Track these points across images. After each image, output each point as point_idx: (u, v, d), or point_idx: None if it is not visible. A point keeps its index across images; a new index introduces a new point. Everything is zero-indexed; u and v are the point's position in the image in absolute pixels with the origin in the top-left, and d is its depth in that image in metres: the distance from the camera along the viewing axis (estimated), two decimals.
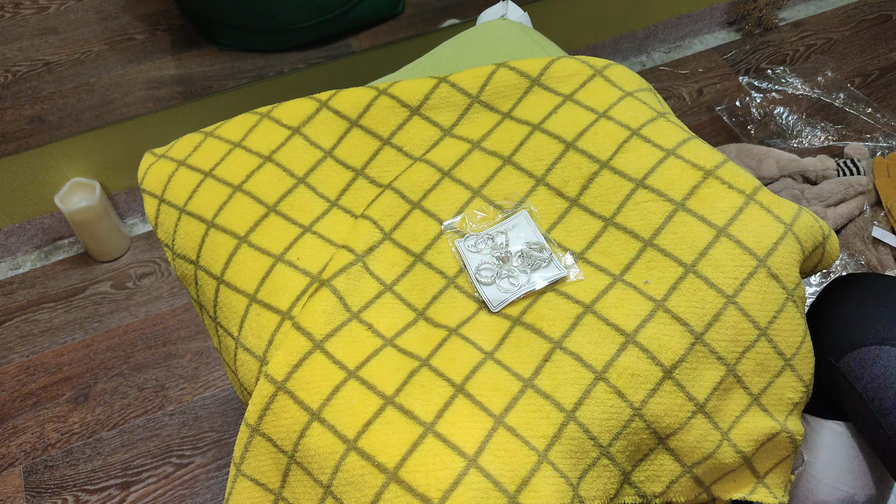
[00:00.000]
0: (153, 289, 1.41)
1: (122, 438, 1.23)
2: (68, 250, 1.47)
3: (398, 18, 1.47)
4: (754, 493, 0.63)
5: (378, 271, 0.69)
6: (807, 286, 1.33)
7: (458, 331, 0.64)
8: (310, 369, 0.62)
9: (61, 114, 1.34)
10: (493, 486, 0.55)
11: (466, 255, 0.68)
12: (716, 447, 0.61)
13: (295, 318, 0.66)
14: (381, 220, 0.71)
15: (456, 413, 0.59)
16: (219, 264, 0.71)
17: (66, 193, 1.38)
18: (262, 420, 0.63)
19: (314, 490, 0.60)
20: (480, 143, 0.75)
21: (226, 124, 0.81)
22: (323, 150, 0.77)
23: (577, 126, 0.73)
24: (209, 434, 1.23)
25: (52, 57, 1.33)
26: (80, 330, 1.36)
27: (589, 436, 0.58)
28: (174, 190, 0.77)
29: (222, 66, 1.40)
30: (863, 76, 1.66)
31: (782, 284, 0.63)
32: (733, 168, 0.68)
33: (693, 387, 0.60)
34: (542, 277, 0.66)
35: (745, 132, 1.55)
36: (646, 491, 0.61)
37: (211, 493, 1.17)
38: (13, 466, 1.21)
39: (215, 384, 1.28)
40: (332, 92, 0.81)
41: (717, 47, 1.74)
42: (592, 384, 0.59)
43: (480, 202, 0.72)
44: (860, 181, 1.38)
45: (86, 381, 1.30)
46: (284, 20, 1.37)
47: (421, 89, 0.79)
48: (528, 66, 0.78)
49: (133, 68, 1.37)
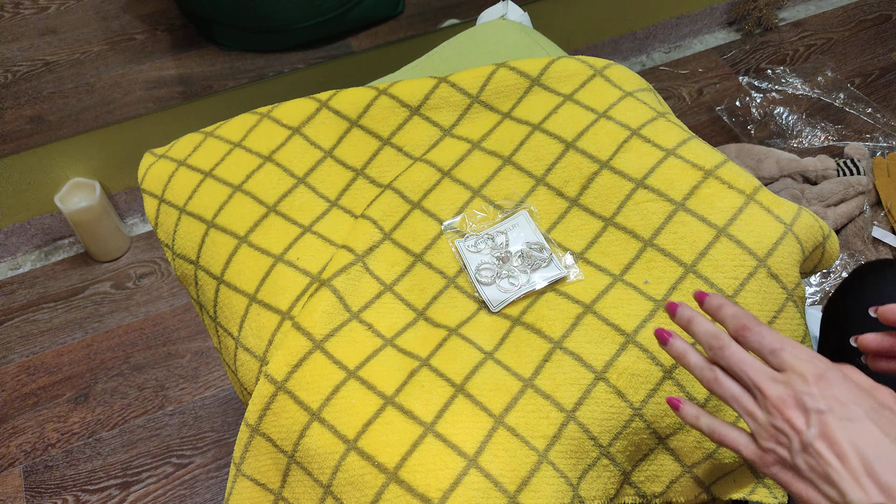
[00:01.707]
0: (153, 289, 1.41)
1: (122, 438, 1.23)
2: (68, 250, 1.47)
3: (398, 18, 1.47)
4: (754, 493, 0.63)
5: (378, 271, 0.69)
6: (807, 286, 1.33)
7: (458, 331, 0.64)
8: (310, 369, 0.62)
9: (61, 114, 1.34)
10: (493, 486, 0.55)
11: (466, 255, 0.68)
12: (716, 447, 0.60)
13: (295, 318, 0.66)
14: (381, 220, 0.71)
15: (456, 413, 0.59)
16: (219, 264, 0.71)
17: (66, 193, 1.38)
18: (262, 420, 0.63)
19: (314, 490, 0.60)
20: (480, 143, 0.75)
21: (226, 124, 0.81)
22: (323, 150, 0.77)
23: (577, 126, 0.73)
24: (209, 434, 1.23)
25: (52, 57, 1.33)
26: (80, 330, 1.36)
27: (589, 436, 0.58)
28: (174, 190, 0.77)
29: (222, 66, 1.40)
30: (863, 76, 1.66)
31: (782, 284, 0.63)
32: (733, 168, 0.68)
33: (693, 387, 0.60)
34: (542, 277, 0.66)
35: (745, 132, 1.55)
36: (646, 491, 0.61)
37: (211, 493, 1.17)
38: (13, 466, 1.21)
39: (215, 384, 1.28)
40: (332, 92, 0.81)
41: (717, 47, 1.74)
42: (592, 384, 0.59)
43: (480, 202, 0.72)
44: (860, 181, 1.38)
45: (86, 381, 1.30)
46: (284, 20, 1.37)
47: (421, 89, 0.79)
48: (528, 66, 0.78)
49: (133, 68, 1.37)
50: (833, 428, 0.43)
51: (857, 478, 0.42)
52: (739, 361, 0.48)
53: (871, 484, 0.41)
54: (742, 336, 0.49)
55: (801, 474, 0.44)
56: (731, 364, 0.48)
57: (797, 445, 0.44)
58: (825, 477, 0.43)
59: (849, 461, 0.42)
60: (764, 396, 0.46)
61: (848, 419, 0.43)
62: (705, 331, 0.50)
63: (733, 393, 0.48)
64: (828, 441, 0.43)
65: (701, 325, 0.51)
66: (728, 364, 0.49)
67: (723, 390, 0.48)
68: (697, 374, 0.50)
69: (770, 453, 0.46)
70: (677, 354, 0.51)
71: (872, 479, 0.41)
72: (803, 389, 0.45)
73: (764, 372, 0.47)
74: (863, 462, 0.42)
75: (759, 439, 0.46)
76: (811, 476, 0.44)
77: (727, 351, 0.48)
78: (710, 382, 0.49)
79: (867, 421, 0.43)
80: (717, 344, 0.49)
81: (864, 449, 0.42)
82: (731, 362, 0.48)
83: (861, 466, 0.42)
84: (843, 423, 0.43)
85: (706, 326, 0.50)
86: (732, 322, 0.50)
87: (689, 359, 0.51)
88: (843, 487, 0.42)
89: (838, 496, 0.42)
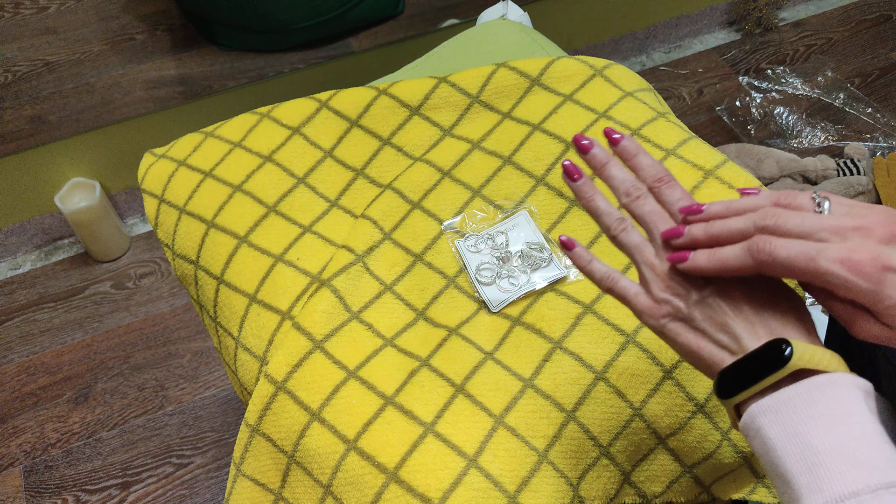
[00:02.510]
0: (153, 289, 1.41)
1: (122, 438, 1.23)
2: (68, 250, 1.47)
3: (398, 18, 1.47)
4: (754, 493, 0.63)
5: (378, 271, 0.69)
6: None
7: (458, 331, 0.64)
8: (310, 369, 0.62)
9: (61, 114, 1.34)
10: (493, 486, 0.55)
11: (466, 255, 0.68)
12: (716, 447, 0.60)
13: (295, 318, 0.66)
14: (381, 220, 0.71)
15: (456, 413, 0.59)
16: (219, 264, 0.71)
17: (66, 193, 1.38)
18: (262, 420, 0.63)
19: (314, 490, 0.60)
20: (480, 143, 0.75)
21: (226, 124, 0.81)
22: (323, 150, 0.77)
23: (578, 126, 0.73)
24: (209, 434, 1.23)
25: (52, 57, 1.33)
26: (80, 330, 1.36)
27: (589, 436, 0.58)
28: (174, 190, 0.77)
29: (222, 66, 1.40)
30: (863, 76, 1.66)
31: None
32: (733, 168, 0.68)
33: (693, 387, 0.60)
34: (543, 277, 0.66)
35: (745, 132, 1.55)
36: (646, 491, 0.61)
37: (211, 493, 1.17)
38: (13, 466, 1.21)
39: (215, 384, 1.28)
40: (332, 92, 0.81)
41: (717, 47, 1.74)
42: (592, 384, 0.59)
43: (480, 202, 0.72)
44: (860, 181, 1.38)
45: (86, 381, 1.30)
46: (284, 20, 1.37)
47: (421, 89, 0.79)
48: (528, 66, 0.78)
49: (133, 68, 1.37)
50: (731, 282, 0.45)
51: (752, 324, 0.44)
52: (651, 212, 0.48)
53: (763, 329, 0.44)
54: (657, 188, 0.49)
55: (694, 324, 0.46)
56: (642, 213, 0.48)
57: (695, 296, 0.45)
58: (721, 325, 0.45)
59: (743, 311, 0.45)
60: (668, 249, 0.47)
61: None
62: (624, 178, 0.49)
63: (636, 242, 0.48)
64: (725, 294, 0.45)
65: (619, 171, 0.49)
66: (640, 213, 0.48)
67: (628, 239, 0.48)
68: (604, 221, 0.49)
69: (664, 304, 0.46)
70: (585, 195, 0.50)
71: (764, 326, 0.44)
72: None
73: (671, 226, 0.47)
74: (756, 312, 0.45)
75: (653, 290, 0.47)
76: (704, 326, 0.45)
77: (642, 201, 0.48)
78: (618, 231, 0.49)
79: (760, 278, 0.45)
80: (636, 193, 0.48)
81: (758, 301, 0.45)
82: (642, 212, 0.48)
83: (755, 316, 0.44)
84: (740, 278, 0.45)
85: (625, 174, 0.49)
86: (649, 172, 0.49)
87: (597, 202, 0.49)
88: (738, 333, 0.44)
89: (732, 342, 0.44)
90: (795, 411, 0.41)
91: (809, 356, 0.42)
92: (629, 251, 0.48)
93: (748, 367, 0.43)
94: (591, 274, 0.50)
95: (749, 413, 0.43)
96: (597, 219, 0.50)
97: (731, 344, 0.44)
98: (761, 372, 0.42)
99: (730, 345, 0.44)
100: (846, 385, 0.41)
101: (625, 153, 0.50)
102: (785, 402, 0.41)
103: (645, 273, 0.47)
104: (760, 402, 0.42)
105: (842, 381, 0.41)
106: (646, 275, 0.47)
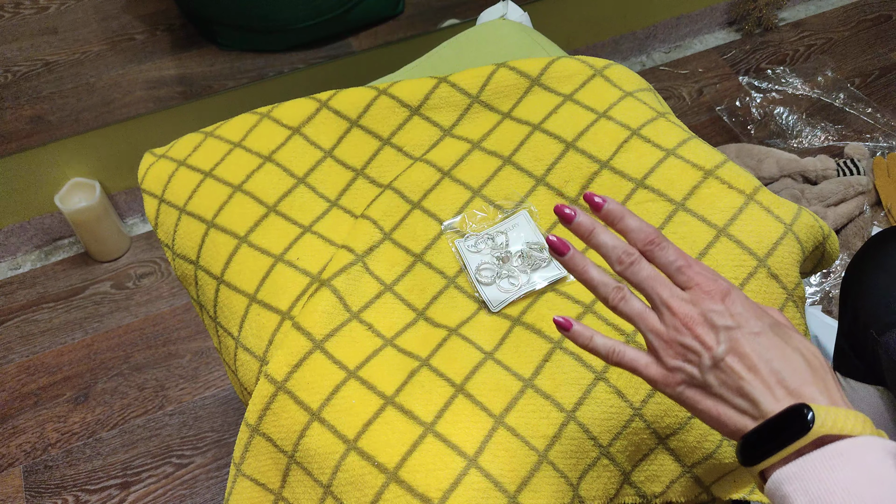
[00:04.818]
0: (153, 289, 1.41)
1: (122, 438, 1.23)
2: (68, 250, 1.47)
3: (398, 18, 1.47)
4: (754, 493, 0.63)
5: (378, 271, 0.69)
6: (807, 286, 1.33)
7: (458, 331, 0.64)
8: (310, 369, 0.62)
9: (61, 114, 1.34)
10: (493, 486, 0.55)
11: (466, 255, 0.68)
12: (716, 447, 0.60)
13: (295, 317, 0.66)
14: (381, 220, 0.71)
15: (456, 413, 0.59)
16: (219, 264, 0.71)
17: (66, 193, 1.37)
18: (262, 420, 0.63)
19: (314, 490, 0.60)
20: (480, 143, 0.75)
21: (226, 124, 0.81)
22: (323, 150, 0.77)
23: (577, 126, 0.73)
24: (209, 434, 1.23)
25: (52, 57, 1.33)
26: (80, 330, 1.36)
27: (589, 436, 0.58)
28: (174, 190, 0.77)
29: (222, 66, 1.40)
30: (863, 76, 1.65)
31: (782, 284, 0.63)
32: (733, 168, 0.68)
33: None
34: (543, 277, 0.66)
35: (745, 132, 1.55)
36: (646, 491, 0.61)
37: (211, 493, 1.17)
38: (13, 466, 1.21)
39: (215, 384, 1.28)
40: (332, 92, 0.81)
41: (717, 47, 1.74)
42: (592, 384, 0.59)
43: (480, 202, 0.72)
44: (860, 181, 1.38)
45: (86, 381, 1.30)
46: (284, 20, 1.37)
47: (421, 89, 0.79)
48: (528, 66, 0.78)
49: (133, 68, 1.37)
50: (742, 343, 0.44)
51: (769, 387, 0.43)
52: (648, 278, 0.46)
53: (781, 391, 0.43)
54: (650, 251, 0.47)
55: (711, 391, 0.44)
56: (639, 280, 0.46)
57: (707, 362, 0.44)
58: (738, 390, 0.43)
59: (759, 372, 0.43)
60: (673, 314, 0.45)
61: (754, 333, 0.44)
62: (615, 244, 0.47)
63: (638, 310, 0.46)
64: (738, 355, 0.44)
65: (608, 238, 0.47)
66: (637, 280, 0.47)
67: (629, 308, 0.47)
68: (601, 291, 0.47)
69: (677, 372, 0.45)
70: (577, 268, 0.48)
71: (782, 387, 0.43)
72: (711, 307, 0.45)
73: (672, 289, 0.46)
74: (772, 372, 0.43)
75: (664, 357, 0.45)
76: (722, 391, 0.44)
77: (637, 266, 0.46)
78: (616, 301, 0.47)
79: (771, 334, 0.44)
80: (628, 260, 0.47)
81: (772, 360, 0.43)
82: (639, 278, 0.46)
83: (771, 376, 0.43)
84: (750, 338, 0.44)
85: (614, 240, 0.47)
86: (639, 235, 0.47)
87: (590, 273, 0.47)
88: (756, 397, 0.43)
89: (751, 407, 0.43)
90: (821, 480, 0.40)
91: (832, 421, 0.40)
92: (632, 320, 0.47)
93: (770, 434, 0.42)
94: (595, 351, 0.48)
95: (774, 480, 0.42)
96: (593, 290, 0.48)
97: (750, 409, 0.43)
98: (784, 440, 0.41)
99: (749, 409, 0.43)
100: (872, 449, 0.40)
101: (610, 217, 0.48)
102: (810, 470, 0.40)
103: (652, 341, 0.46)
104: (784, 469, 0.41)
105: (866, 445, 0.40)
106: (653, 343, 0.46)
